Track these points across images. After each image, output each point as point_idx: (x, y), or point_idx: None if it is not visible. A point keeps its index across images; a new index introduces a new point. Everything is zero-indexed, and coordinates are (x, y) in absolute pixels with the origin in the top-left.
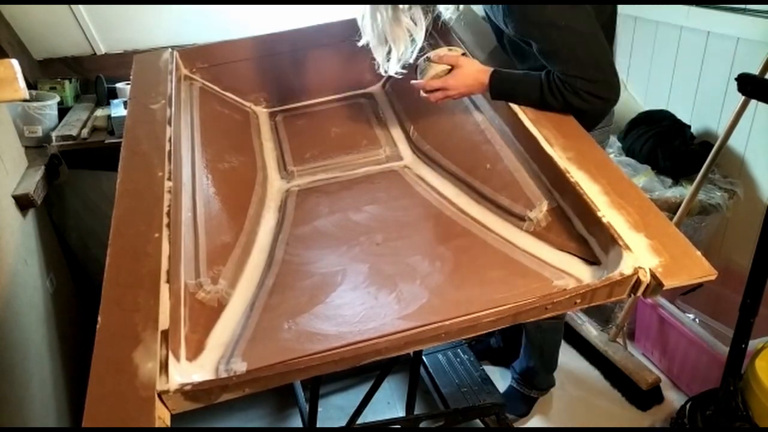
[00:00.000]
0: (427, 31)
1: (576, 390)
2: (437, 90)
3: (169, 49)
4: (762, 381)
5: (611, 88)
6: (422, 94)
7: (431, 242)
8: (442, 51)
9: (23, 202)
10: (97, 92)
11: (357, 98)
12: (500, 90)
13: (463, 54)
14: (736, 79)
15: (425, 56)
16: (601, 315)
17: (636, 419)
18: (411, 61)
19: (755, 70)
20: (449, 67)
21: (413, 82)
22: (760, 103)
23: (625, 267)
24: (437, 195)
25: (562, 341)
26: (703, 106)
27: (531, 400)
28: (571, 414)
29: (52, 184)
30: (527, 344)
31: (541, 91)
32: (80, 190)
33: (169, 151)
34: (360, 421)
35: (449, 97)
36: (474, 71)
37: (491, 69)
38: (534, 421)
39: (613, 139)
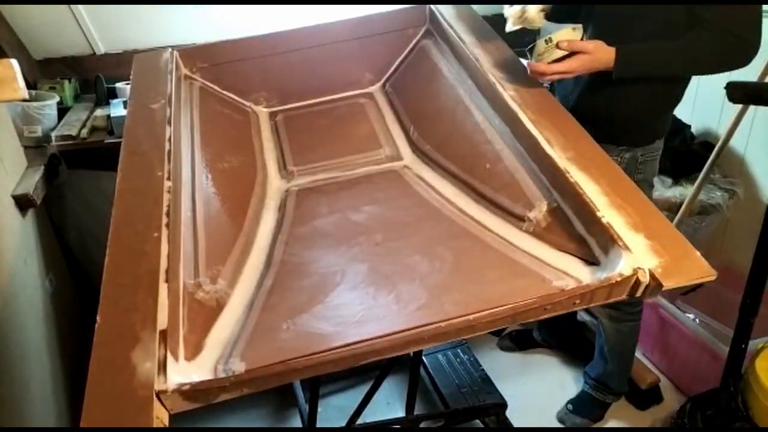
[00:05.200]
0: None
1: (576, 388)
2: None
3: (169, 49)
4: (762, 381)
5: (759, 34)
6: (533, 74)
7: (431, 242)
8: (566, 34)
9: (23, 202)
10: (96, 92)
11: (357, 98)
12: (630, 66)
13: (583, 36)
14: (725, 88)
15: (547, 37)
16: None
17: (635, 418)
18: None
19: (755, 71)
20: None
21: (529, 63)
22: None
23: (625, 267)
24: (437, 195)
25: None
26: (703, 106)
27: (606, 405)
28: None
29: (51, 184)
30: (606, 349)
31: (688, 47)
32: (80, 190)
33: (169, 151)
34: (360, 421)
35: (565, 78)
36: (601, 55)
37: (614, 48)
38: (535, 421)
39: None
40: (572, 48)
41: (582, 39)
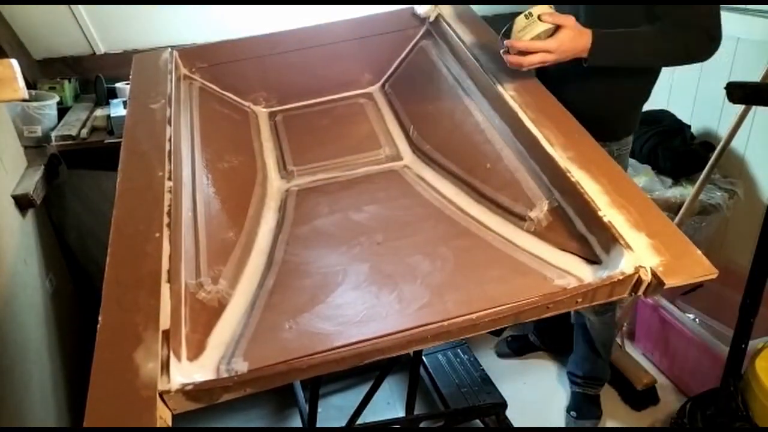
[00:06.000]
0: None
1: None
2: (534, 53)
3: (169, 49)
4: (762, 381)
5: (720, 29)
6: (510, 57)
7: (432, 242)
8: (547, 8)
9: (23, 202)
10: (96, 92)
11: (357, 98)
12: (603, 52)
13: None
14: (725, 88)
15: (527, 12)
16: None
17: (634, 419)
18: None
19: (755, 71)
20: (553, 27)
21: (508, 42)
22: None
23: (626, 266)
24: (437, 195)
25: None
26: (703, 106)
27: (599, 398)
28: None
29: (51, 184)
30: (597, 343)
31: (654, 39)
32: (80, 190)
33: (169, 151)
34: (360, 421)
35: (545, 63)
36: (578, 33)
37: (590, 30)
38: (535, 421)
39: None
40: (555, 21)
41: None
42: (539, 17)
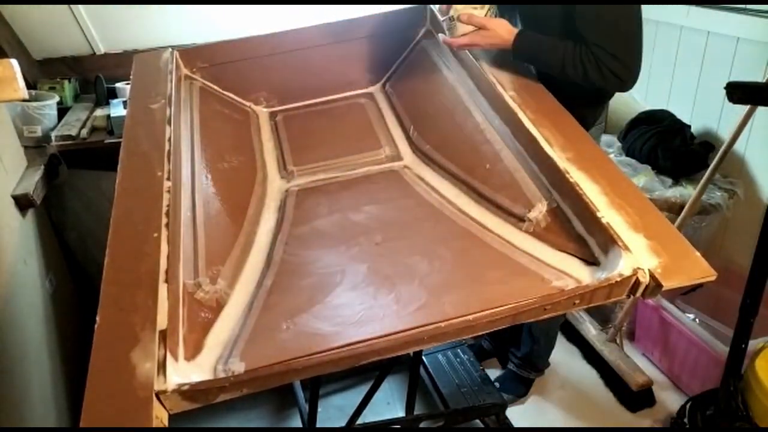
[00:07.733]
0: None
1: (573, 388)
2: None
3: (169, 49)
4: (762, 381)
5: (632, 72)
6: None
7: (430, 242)
8: (469, 10)
9: (23, 202)
10: (96, 92)
11: (357, 98)
12: (523, 51)
13: (488, 12)
14: (724, 88)
15: (450, 15)
16: (601, 314)
17: (633, 419)
18: None
19: (755, 71)
20: (476, 27)
21: (440, 36)
22: None
23: (624, 268)
24: (437, 195)
25: (565, 340)
26: (703, 106)
27: (530, 381)
28: (564, 411)
29: (51, 184)
30: (534, 330)
31: (563, 58)
32: (80, 190)
33: (169, 151)
34: (360, 421)
35: (475, 48)
36: (502, 32)
37: (516, 30)
38: (535, 420)
39: (613, 139)
40: (471, 22)
41: (487, 16)
42: (459, 18)
